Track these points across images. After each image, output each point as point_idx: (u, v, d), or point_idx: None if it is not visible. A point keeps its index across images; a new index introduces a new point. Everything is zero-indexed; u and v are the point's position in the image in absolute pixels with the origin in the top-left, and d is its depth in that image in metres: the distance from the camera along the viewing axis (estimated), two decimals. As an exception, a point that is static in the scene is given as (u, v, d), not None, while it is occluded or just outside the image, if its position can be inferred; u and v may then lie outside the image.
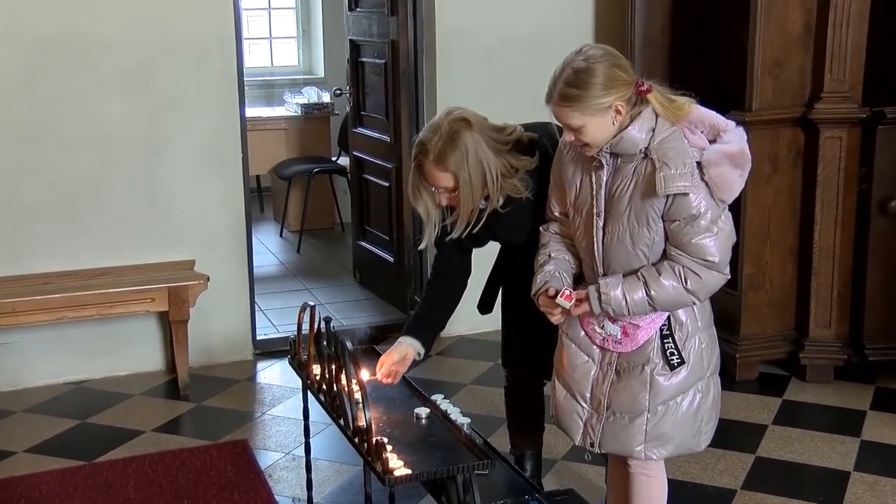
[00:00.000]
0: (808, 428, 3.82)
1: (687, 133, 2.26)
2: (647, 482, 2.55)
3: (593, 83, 2.20)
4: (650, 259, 2.34)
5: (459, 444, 2.34)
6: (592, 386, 2.51)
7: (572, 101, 2.23)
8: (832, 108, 3.99)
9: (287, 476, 3.54)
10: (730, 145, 2.23)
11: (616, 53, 2.26)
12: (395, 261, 5.36)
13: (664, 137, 2.24)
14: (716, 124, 2.29)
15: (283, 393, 4.32)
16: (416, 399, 2.62)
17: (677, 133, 2.25)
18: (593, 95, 2.21)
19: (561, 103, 2.25)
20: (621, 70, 2.23)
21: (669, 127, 2.25)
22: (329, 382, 2.53)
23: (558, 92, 2.24)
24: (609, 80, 2.20)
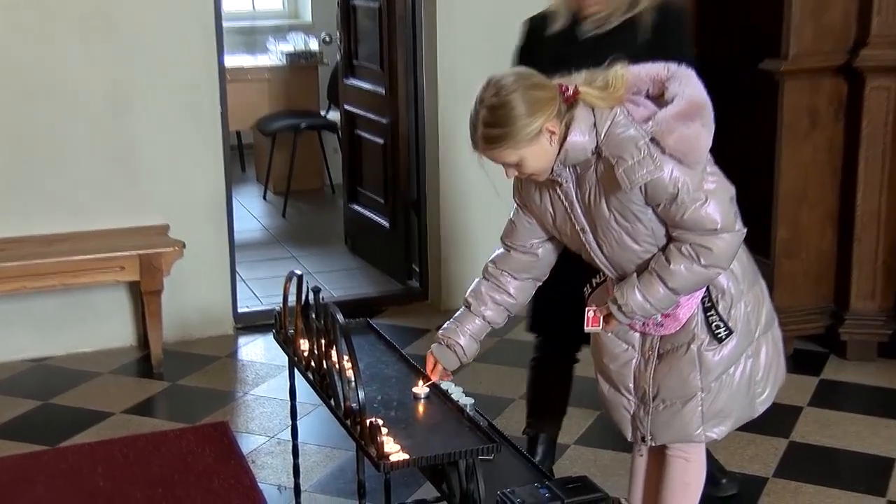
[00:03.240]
0: (848, 410, 3.83)
1: (631, 108, 2.25)
2: (684, 467, 2.57)
3: (514, 115, 2.20)
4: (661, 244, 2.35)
5: (462, 426, 2.34)
6: (635, 375, 2.54)
7: (499, 140, 2.23)
8: (880, 55, 3.93)
9: (272, 462, 3.55)
10: (674, 104, 2.21)
11: (527, 72, 2.26)
12: (390, 226, 5.36)
13: (608, 128, 2.24)
14: (655, 75, 2.28)
15: (268, 371, 4.32)
16: (415, 377, 2.62)
17: (619, 117, 2.24)
18: (519, 128, 2.21)
19: (488, 147, 2.25)
20: (539, 89, 2.22)
21: (609, 113, 2.24)
22: (318, 359, 2.53)
23: (481, 137, 2.25)
24: (530, 106, 2.20)
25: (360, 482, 2.58)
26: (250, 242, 6.09)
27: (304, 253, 5.92)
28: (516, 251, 2.57)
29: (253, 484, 3.35)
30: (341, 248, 5.96)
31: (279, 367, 4.31)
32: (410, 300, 5.12)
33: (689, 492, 2.60)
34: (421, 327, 4.78)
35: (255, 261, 5.70)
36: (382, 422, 2.27)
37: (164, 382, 4.21)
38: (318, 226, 6.54)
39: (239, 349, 4.60)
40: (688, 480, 2.59)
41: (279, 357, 4.25)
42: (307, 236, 6.31)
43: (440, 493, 2.39)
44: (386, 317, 4.93)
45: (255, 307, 4.96)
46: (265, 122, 6.96)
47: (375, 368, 2.69)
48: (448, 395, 2.49)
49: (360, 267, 5.64)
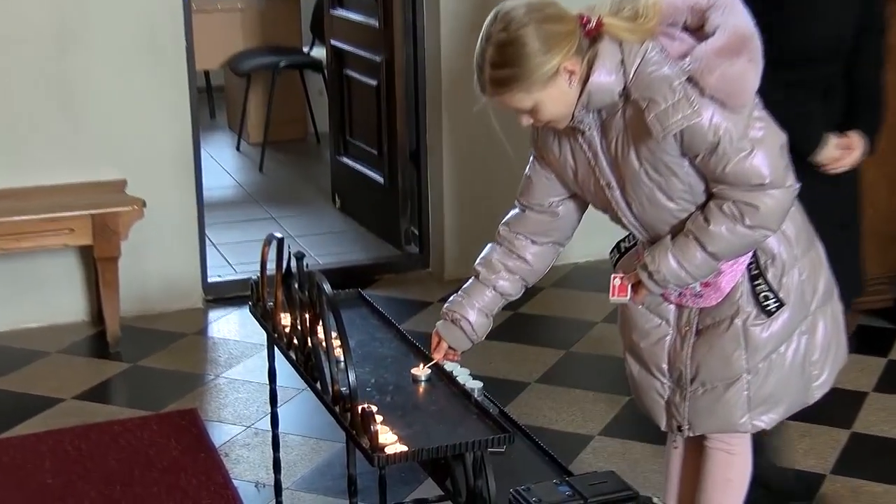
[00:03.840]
0: (921, 396, 3.86)
1: (665, 43, 2.25)
2: (727, 461, 2.59)
3: (527, 53, 2.19)
4: (699, 201, 2.35)
5: (469, 414, 2.35)
6: (669, 355, 2.54)
7: (509, 83, 2.23)
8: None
9: (248, 455, 3.57)
10: (716, 37, 2.20)
11: (541, 2, 2.23)
12: (385, 182, 5.36)
13: (637, 66, 2.23)
14: (694, 4, 2.24)
15: (243, 350, 4.34)
16: (414, 357, 2.62)
17: (651, 53, 2.23)
18: (533, 68, 2.20)
19: (497, 91, 2.25)
20: (555, 22, 2.21)
21: (639, 48, 2.23)
22: (302, 336, 2.54)
23: (489, 79, 2.24)
24: (545, 42, 2.19)
25: (350, 478, 2.59)
26: (222, 201, 6.09)
27: (284, 213, 5.91)
28: (533, 211, 2.57)
29: (226, 481, 3.38)
30: (328, 208, 5.96)
31: (256, 345, 4.32)
32: (409, 268, 5.14)
33: (732, 490, 2.62)
34: (421, 300, 4.79)
35: (227, 222, 5.71)
36: (377, 408, 2.27)
37: (122, 363, 4.23)
38: (301, 182, 6.53)
39: (209, 325, 4.61)
40: (730, 476, 2.60)
41: (256, 334, 4.26)
42: (288, 194, 6.31)
43: (443, 492, 2.41)
44: (380, 287, 4.94)
45: (228, 276, 4.97)
46: (238, 60, 6.94)
47: (368, 347, 2.69)
48: (453, 378, 2.49)
49: (349, 229, 5.65)
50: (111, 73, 4.46)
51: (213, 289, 4.80)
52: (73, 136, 4.46)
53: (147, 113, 4.52)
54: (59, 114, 4.43)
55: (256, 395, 3.96)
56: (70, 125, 4.45)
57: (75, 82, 4.43)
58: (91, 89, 4.45)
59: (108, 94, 4.47)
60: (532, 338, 4.41)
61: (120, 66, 4.46)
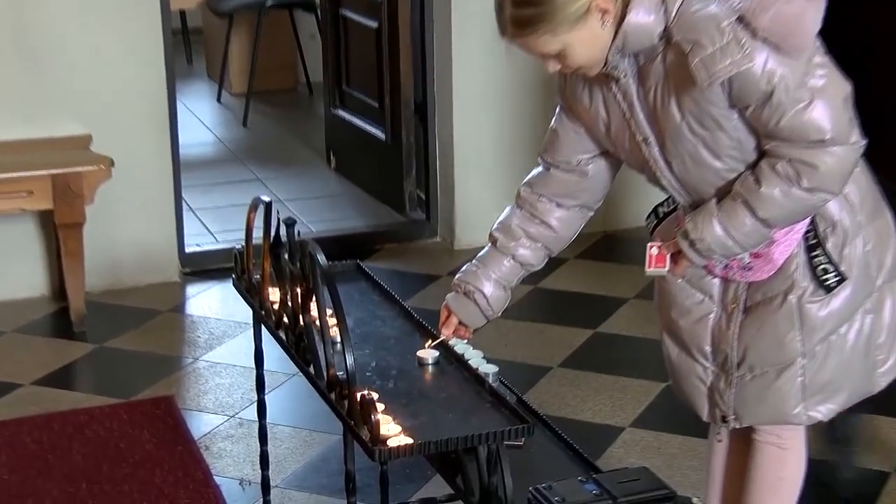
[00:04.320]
0: None
1: None
2: (780, 457, 2.59)
3: None
4: (749, 159, 2.35)
5: (482, 402, 2.35)
6: (713, 335, 2.54)
7: (534, 24, 2.23)
8: None
9: (232, 449, 3.58)
10: None
11: None
12: (387, 138, 5.35)
13: (680, 5, 2.23)
14: None
15: (226, 329, 4.35)
16: (420, 337, 2.62)
17: None
18: (560, 5, 2.21)
19: (520, 32, 2.26)
20: None
21: None
22: (293, 314, 2.54)
23: (510, 19, 2.25)
24: None
25: (348, 475, 2.59)
26: (200, 160, 6.09)
27: (272, 174, 5.91)
28: (559, 170, 2.57)
29: (206, 477, 3.39)
30: (322, 168, 5.96)
31: (240, 324, 4.33)
32: (414, 237, 5.14)
33: (784, 490, 2.62)
34: (428, 272, 4.79)
35: (207, 184, 5.70)
36: (378, 396, 2.27)
37: (88, 344, 4.23)
38: (291, 138, 6.53)
39: (187, 301, 4.62)
40: (782, 475, 2.60)
41: (241, 311, 4.26)
42: (276, 152, 6.30)
43: (453, 490, 2.41)
44: (382, 258, 4.95)
45: (209, 246, 4.97)
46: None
47: (369, 326, 2.69)
48: (464, 362, 2.49)
49: (347, 192, 5.64)
50: (73, 14, 4.44)
51: (191, 260, 4.80)
52: (30, 86, 4.45)
53: (114, 59, 4.51)
54: (13, 59, 4.42)
55: (241, 380, 3.96)
56: (26, 73, 4.44)
57: (31, 25, 4.41)
58: (50, 32, 4.43)
59: (69, 37, 4.46)
60: (555, 316, 4.41)
61: (84, 6, 4.44)
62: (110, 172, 4.31)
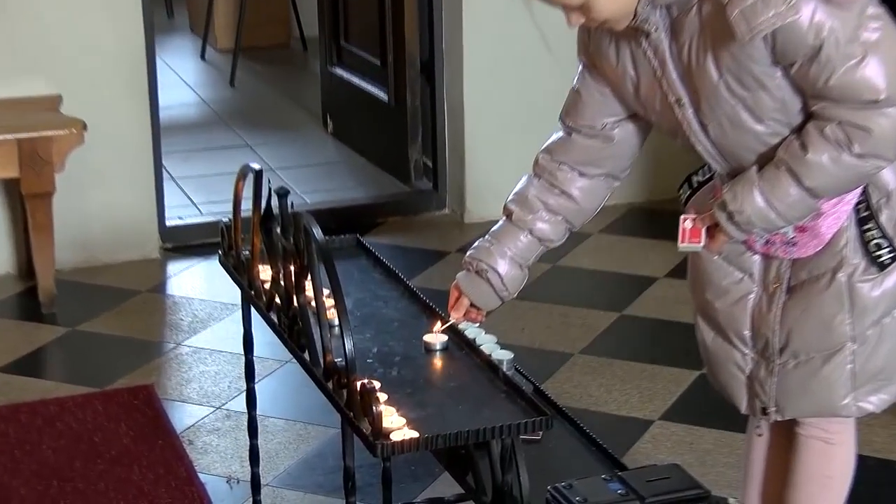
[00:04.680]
0: None
1: None
2: (827, 453, 2.59)
3: None
4: (794, 122, 2.34)
5: (495, 392, 2.35)
6: (753, 318, 2.54)
7: None
8: None
9: (218, 443, 3.59)
10: None
11: None
12: (390, 99, 5.35)
13: None
14: None
15: (211, 312, 4.36)
16: (426, 320, 2.63)
17: None
18: None
19: None
20: None
21: None
22: (286, 294, 2.54)
23: None
24: None
25: (347, 472, 2.59)
26: (183, 123, 6.09)
27: (263, 139, 5.91)
28: (581, 135, 2.57)
29: (190, 475, 3.39)
30: (318, 133, 5.96)
31: (228, 306, 4.34)
32: (420, 209, 5.15)
33: (832, 489, 2.62)
34: (436, 248, 4.80)
35: (190, 151, 5.71)
36: (380, 385, 2.27)
37: (59, 328, 4.24)
38: (283, 99, 6.52)
39: (168, 280, 4.63)
40: (829, 472, 2.60)
41: (228, 291, 4.21)
42: (267, 114, 6.30)
43: (463, 490, 2.41)
44: (385, 233, 4.95)
45: (192, 218, 4.98)
46: (203, -58, 6.95)
47: (370, 307, 2.70)
48: (476, 347, 2.49)
49: (345, 160, 5.65)
50: (42, -40, 4.44)
51: (172, 234, 4.81)
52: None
53: (86, 11, 4.50)
54: (-24, 12, 4.42)
55: (228, 367, 3.97)
56: (-9, 26, 4.44)
57: (-3, -29, 4.42)
58: (17, -20, 4.43)
59: (39, -14, 4.46)
60: (576, 297, 4.41)
61: (53, -49, 4.45)
62: (82, 137, 4.31)
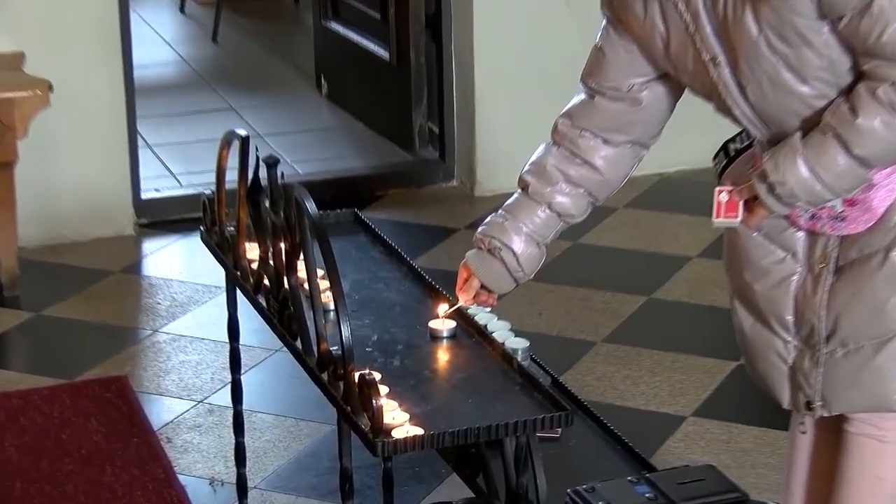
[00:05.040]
0: None
1: None
2: (879, 452, 2.58)
3: None
4: (843, 83, 2.34)
5: (509, 384, 2.36)
6: (797, 301, 2.54)
7: None
8: None
9: (200, 442, 3.60)
10: None
11: None
12: (392, 58, 5.36)
13: None
14: None
15: (192, 295, 4.37)
16: (432, 304, 2.63)
17: None
18: None
19: None
20: None
21: None
22: (276, 275, 2.55)
23: None
24: None
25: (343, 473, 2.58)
26: (160, 84, 6.09)
27: (249, 102, 5.91)
28: (605, 97, 2.57)
29: (169, 476, 3.40)
30: (311, 95, 5.97)
31: (210, 288, 4.35)
32: (425, 180, 5.16)
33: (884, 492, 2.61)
34: (442, 224, 4.81)
35: (168, 115, 5.72)
36: (380, 376, 2.28)
37: (22, 312, 4.25)
38: (273, 57, 6.52)
39: (144, 259, 4.63)
40: (882, 474, 2.59)
41: (210, 272, 4.25)
42: (255, 75, 6.29)
43: (473, 493, 2.42)
44: (385, 207, 4.96)
45: (170, 191, 4.99)
46: None
47: (369, 290, 2.71)
48: (488, 335, 2.50)
49: (342, 125, 5.65)
50: None
51: (148, 208, 4.82)
52: (-50, -8, 4.46)
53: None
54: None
55: (211, 357, 3.98)
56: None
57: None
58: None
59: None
60: (599, 278, 4.42)
61: None
62: (48, 99, 4.30)
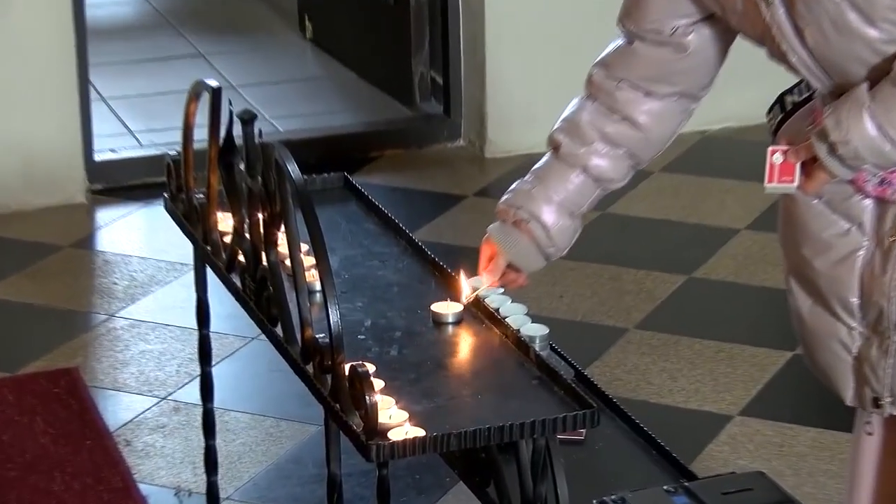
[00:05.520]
0: None
1: None
2: None
3: None
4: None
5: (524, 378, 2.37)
6: (863, 280, 2.54)
7: None
8: None
9: (164, 445, 3.62)
10: None
11: None
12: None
13: None
14: None
15: (154, 273, 4.40)
16: (436, 285, 2.65)
17: None
18: None
19: None
20: None
21: None
22: (253, 250, 2.55)
23: None
24: None
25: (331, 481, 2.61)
26: (117, 27, 6.12)
27: (221, 48, 5.93)
28: (646, 42, 2.58)
29: (127, 485, 3.42)
30: (293, 39, 6.00)
31: (176, 265, 4.39)
32: (428, 139, 5.18)
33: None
34: (448, 191, 4.83)
35: (126, 63, 5.74)
36: (375, 368, 2.29)
37: (-43, 294, 4.30)
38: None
39: (98, 232, 4.67)
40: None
41: (176, 247, 4.30)
42: (227, 16, 6.31)
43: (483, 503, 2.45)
44: (381, 171, 4.99)
45: (129, 151, 5.03)
46: None
47: (362, 268, 2.72)
48: (500, 320, 2.50)
49: (330, 75, 5.68)
50: None
51: (102, 172, 4.86)
52: None
53: None
54: None
55: (177, 346, 4.01)
56: None
57: None
58: None
59: None
60: (631, 254, 4.44)
61: None
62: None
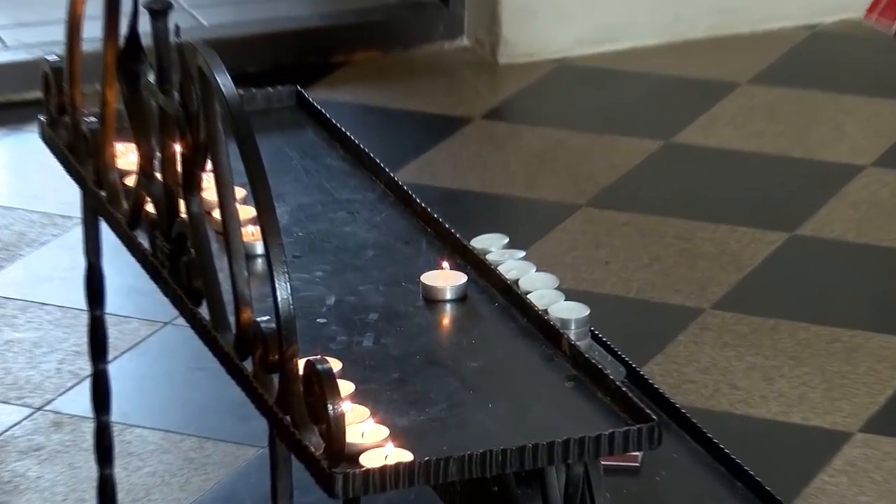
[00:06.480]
0: None
1: None
2: None
3: None
4: None
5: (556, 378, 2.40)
6: None
7: None
8: None
9: (40, 475, 3.66)
10: None
11: None
12: None
13: None
14: None
15: (26, 230, 4.48)
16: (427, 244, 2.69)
17: None
18: None
19: None
20: None
21: None
22: (168, 195, 2.59)
23: None
24: None
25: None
26: None
27: None
28: None
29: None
30: None
31: (56, 218, 4.47)
32: (417, 37, 5.25)
33: None
34: (446, 112, 4.86)
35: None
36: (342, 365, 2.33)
37: None
38: None
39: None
40: None
41: (57, 192, 4.40)
42: None
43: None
44: (350, 83, 5.05)
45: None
46: None
47: (324, 221, 2.77)
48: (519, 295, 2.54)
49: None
50: None
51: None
52: None
53: None
54: None
55: (57, 334, 4.06)
56: None
57: None
58: None
59: None
60: (706, 204, 4.47)
61: None
62: None
